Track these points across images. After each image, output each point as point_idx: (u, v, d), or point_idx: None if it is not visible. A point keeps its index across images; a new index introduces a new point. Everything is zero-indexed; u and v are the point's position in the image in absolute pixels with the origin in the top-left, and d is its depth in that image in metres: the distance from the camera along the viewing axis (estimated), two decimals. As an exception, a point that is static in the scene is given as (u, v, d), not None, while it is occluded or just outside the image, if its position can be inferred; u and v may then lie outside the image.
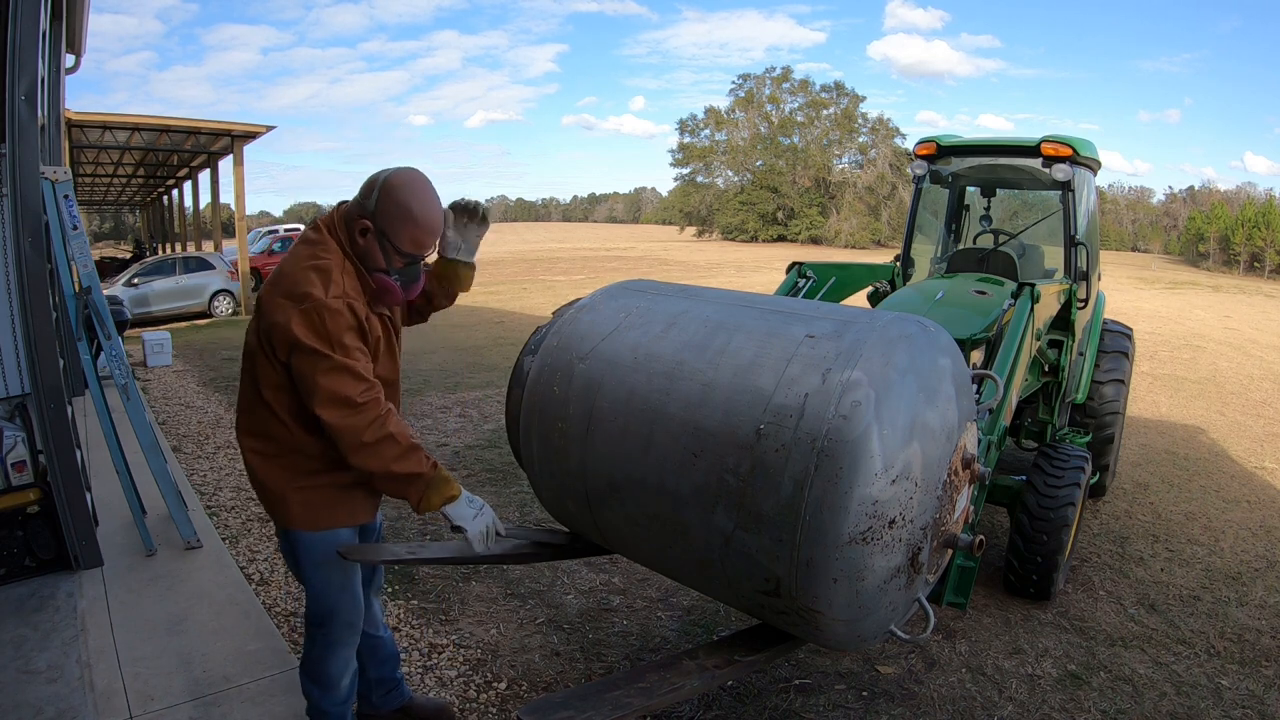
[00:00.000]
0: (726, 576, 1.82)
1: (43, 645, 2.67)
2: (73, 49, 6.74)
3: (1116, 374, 4.42)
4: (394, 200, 1.76)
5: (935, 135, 4.39)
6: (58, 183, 3.34)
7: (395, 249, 1.79)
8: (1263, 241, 35.76)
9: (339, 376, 1.66)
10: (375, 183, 1.78)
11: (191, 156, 16.29)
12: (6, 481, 3.09)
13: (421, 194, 1.79)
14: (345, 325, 1.70)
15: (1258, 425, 6.81)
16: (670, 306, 2.07)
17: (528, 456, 2.21)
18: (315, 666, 1.99)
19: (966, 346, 3.10)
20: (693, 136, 50.95)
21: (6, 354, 3.04)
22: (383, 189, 1.77)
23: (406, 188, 1.77)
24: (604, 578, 3.39)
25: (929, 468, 1.70)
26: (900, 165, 42.63)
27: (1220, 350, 10.88)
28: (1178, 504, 4.67)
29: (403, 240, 1.78)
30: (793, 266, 3.93)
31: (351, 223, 1.79)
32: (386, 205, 1.76)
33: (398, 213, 1.76)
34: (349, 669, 2.02)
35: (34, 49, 2.98)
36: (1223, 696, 2.70)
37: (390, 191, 1.76)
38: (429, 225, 1.81)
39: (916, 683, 2.70)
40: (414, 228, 1.78)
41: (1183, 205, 54.12)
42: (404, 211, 1.76)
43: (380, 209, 1.76)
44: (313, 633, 1.99)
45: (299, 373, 1.69)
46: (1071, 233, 4.05)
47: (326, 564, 1.90)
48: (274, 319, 1.68)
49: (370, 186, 1.79)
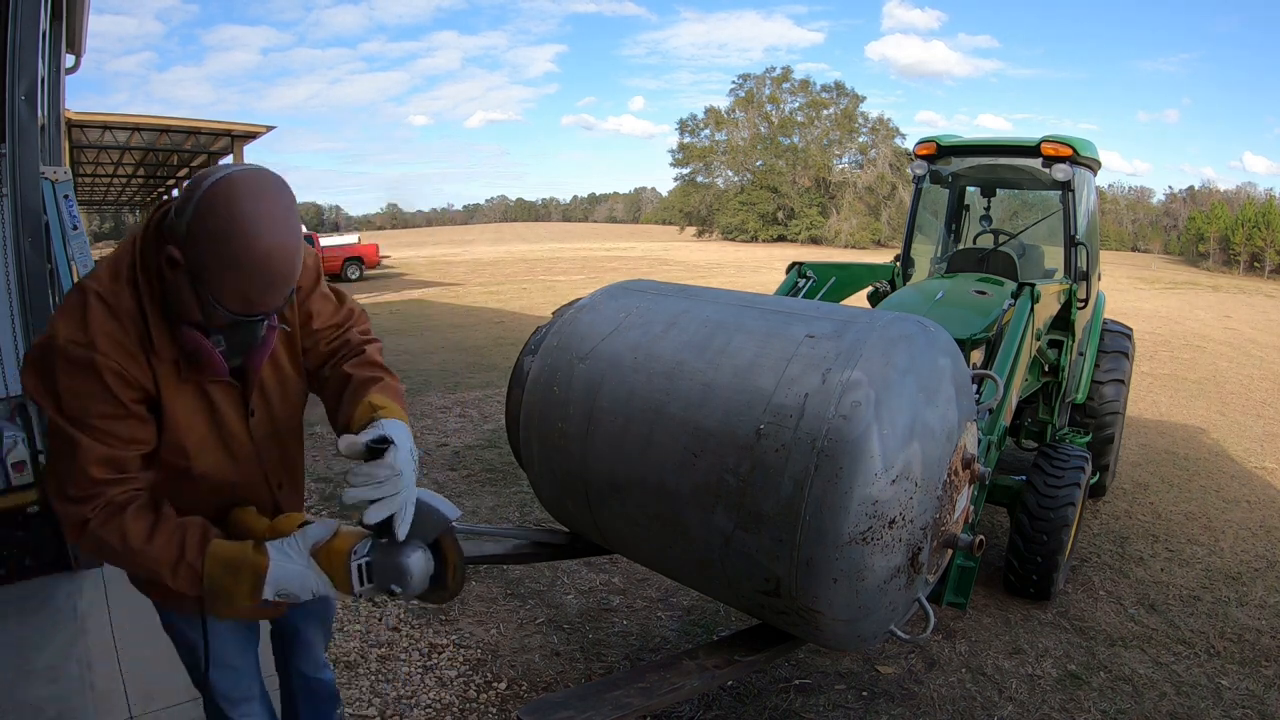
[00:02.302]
0: (726, 576, 1.82)
1: (43, 645, 2.67)
2: (73, 49, 6.73)
3: (1116, 374, 4.43)
4: (212, 229, 1.11)
5: (935, 135, 4.39)
6: (58, 183, 3.34)
7: (215, 301, 1.16)
8: (1263, 241, 35.74)
9: (55, 443, 1.19)
10: (192, 193, 1.13)
11: (191, 156, 16.30)
12: (6, 481, 3.09)
13: (257, 221, 1.11)
14: (83, 387, 1.15)
15: (1258, 425, 6.81)
16: (670, 306, 2.07)
17: (528, 456, 2.21)
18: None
19: (966, 346, 3.10)
20: (693, 136, 50.95)
21: (6, 354, 3.04)
22: (200, 205, 1.11)
23: (235, 208, 1.10)
24: (604, 578, 3.39)
25: (929, 468, 1.70)
26: (900, 165, 42.61)
27: (1220, 350, 10.88)
28: (1178, 504, 4.67)
29: (223, 293, 1.14)
30: (793, 266, 3.94)
31: (157, 237, 1.19)
32: (200, 234, 1.11)
33: (215, 250, 1.11)
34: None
35: (34, 49, 2.98)
36: (1223, 696, 2.70)
37: (210, 212, 1.10)
38: (271, 276, 1.15)
39: (916, 683, 2.70)
40: (239, 278, 1.13)
41: (1183, 205, 54.11)
42: (225, 250, 1.11)
43: (193, 243, 1.12)
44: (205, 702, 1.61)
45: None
46: (1071, 233, 4.05)
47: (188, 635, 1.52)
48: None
49: (188, 195, 1.13)
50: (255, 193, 1.13)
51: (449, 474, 4.75)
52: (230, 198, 1.11)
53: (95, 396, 1.17)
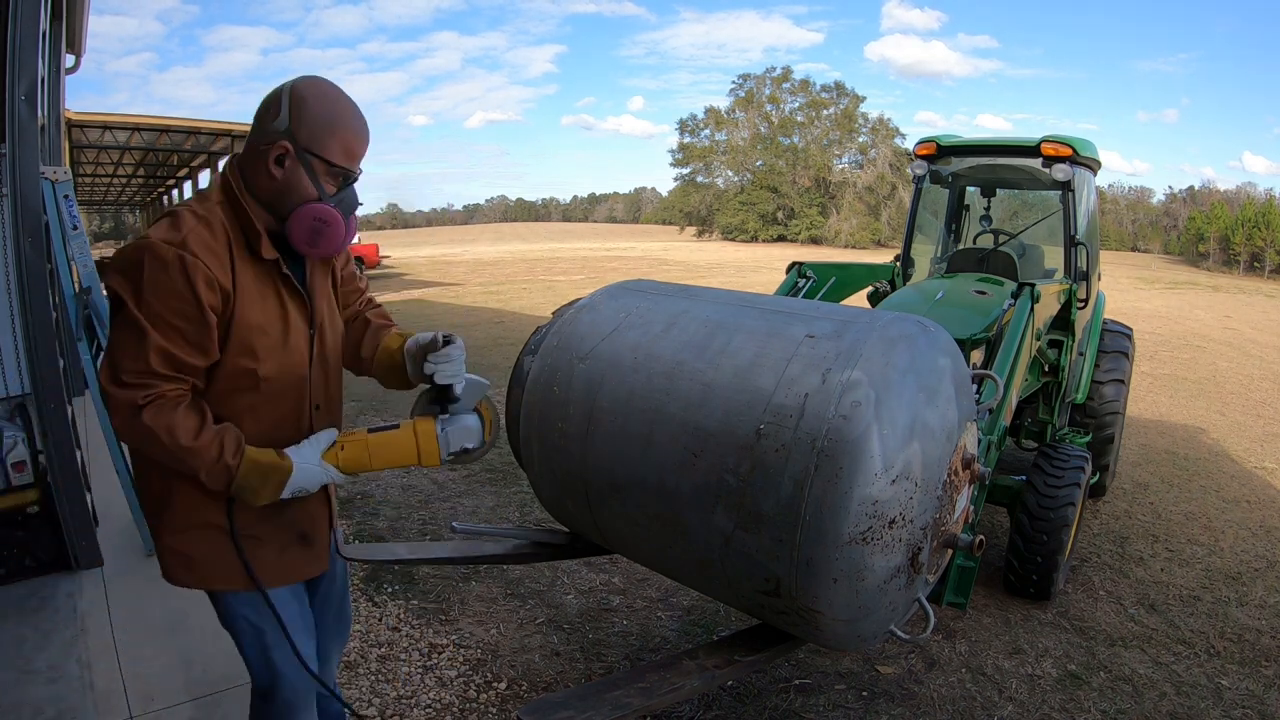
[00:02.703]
0: (726, 576, 1.82)
1: (43, 645, 2.67)
2: (73, 49, 6.74)
3: (1116, 374, 4.43)
4: (313, 106, 1.40)
5: (935, 135, 4.39)
6: (58, 183, 3.34)
7: (326, 164, 1.41)
8: (1263, 241, 35.74)
9: (124, 333, 1.30)
10: (279, 98, 1.40)
11: (191, 156, 16.31)
12: (6, 481, 3.09)
13: (340, 94, 1.45)
14: (165, 283, 1.29)
15: (1258, 425, 6.81)
16: (670, 306, 2.07)
17: (528, 456, 2.21)
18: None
19: (966, 346, 3.10)
20: (693, 136, 50.99)
21: (6, 354, 3.04)
22: (293, 99, 1.39)
23: (321, 89, 1.42)
24: (604, 578, 3.39)
25: (929, 468, 1.70)
26: (900, 165, 42.63)
27: (1220, 350, 10.88)
28: (1178, 504, 4.67)
29: (334, 151, 1.41)
30: (793, 266, 3.94)
31: (256, 160, 1.41)
32: (304, 114, 1.39)
33: (323, 118, 1.40)
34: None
35: (34, 49, 2.98)
36: (1223, 696, 2.70)
37: (305, 98, 1.40)
38: (360, 129, 1.45)
39: (916, 683, 2.70)
40: (345, 132, 1.42)
41: (1183, 205, 54.10)
42: (330, 115, 1.41)
43: (298, 121, 1.38)
44: (257, 705, 1.65)
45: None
46: (1071, 233, 4.05)
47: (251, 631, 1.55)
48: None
49: (273, 105, 1.40)
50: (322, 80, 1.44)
51: (449, 474, 4.75)
52: (314, 84, 1.42)
53: (175, 294, 1.30)
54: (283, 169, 1.40)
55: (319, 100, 1.41)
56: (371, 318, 1.73)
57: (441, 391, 1.53)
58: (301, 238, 1.43)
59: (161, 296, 1.29)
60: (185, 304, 1.31)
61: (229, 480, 1.37)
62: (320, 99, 1.41)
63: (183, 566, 1.50)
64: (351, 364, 1.72)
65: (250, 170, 1.42)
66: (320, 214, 1.42)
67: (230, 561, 1.47)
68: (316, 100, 1.40)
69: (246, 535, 1.48)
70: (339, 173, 1.44)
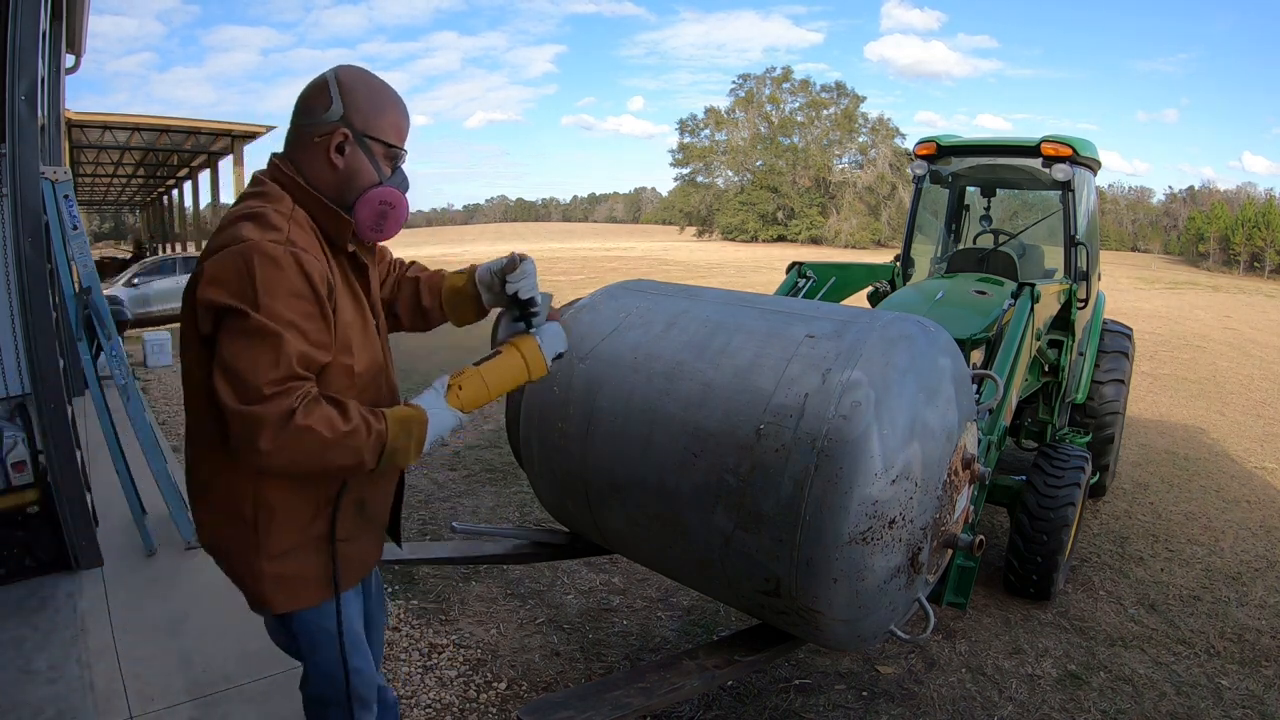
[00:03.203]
0: (726, 576, 1.82)
1: (43, 645, 2.67)
2: (73, 49, 6.74)
3: (1116, 374, 4.43)
4: (362, 91, 1.40)
5: (935, 135, 4.39)
6: (58, 183, 3.34)
7: (385, 145, 1.42)
8: (1263, 241, 35.76)
9: (249, 343, 1.20)
10: (323, 88, 1.39)
11: (191, 156, 16.31)
12: (6, 481, 3.08)
13: (379, 78, 1.46)
14: (283, 283, 1.23)
15: (1258, 425, 6.81)
16: (670, 306, 2.07)
17: (528, 457, 2.21)
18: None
19: (966, 346, 3.10)
20: (693, 136, 51.02)
21: (6, 354, 3.04)
22: (342, 86, 1.39)
23: (363, 74, 1.43)
24: (604, 578, 3.39)
25: (929, 468, 1.70)
26: (900, 165, 42.64)
27: (1220, 350, 10.88)
28: (1178, 504, 4.67)
29: (388, 132, 1.42)
30: (793, 266, 3.94)
31: (311, 152, 1.38)
32: (355, 99, 1.39)
33: (373, 101, 1.41)
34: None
35: (34, 49, 2.98)
36: (1223, 696, 2.70)
37: (352, 84, 1.40)
38: (404, 109, 1.47)
39: (916, 683, 2.70)
40: (394, 112, 1.44)
41: (1183, 205, 54.11)
42: (378, 96, 1.42)
43: (352, 105, 1.38)
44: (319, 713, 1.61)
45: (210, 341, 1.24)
46: (1071, 233, 4.05)
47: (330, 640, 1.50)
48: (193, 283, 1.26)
49: (318, 95, 1.39)
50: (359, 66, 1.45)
51: (449, 474, 4.74)
52: (355, 70, 1.43)
53: (294, 292, 1.24)
54: (344, 156, 1.38)
55: (365, 84, 1.41)
56: (418, 274, 1.73)
57: (524, 307, 1.57)
58: (368, 223, 1.41)
59: (283, 298, 1.22)
60: (306, 302, 1.26)
61: (382, 448, 1.31)
62: (366, 83, 1.41)
63: (286, 591, 1.43)
64: (415, 322, 1.73)
65: (307, 164, 1.39)
66: (387, 197, 1.41)
67: (326, 575, 1.45)
68: (363, 84, 1.41)
69: (344, 540, 1.46)
70: (394, 153, 1.45)
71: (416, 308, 1.70)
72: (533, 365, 1.54)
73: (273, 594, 1.42)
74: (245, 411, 1.18)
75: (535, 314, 1.56)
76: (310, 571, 1.44)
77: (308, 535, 1.42)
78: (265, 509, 1.37)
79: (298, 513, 1.40)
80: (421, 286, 1.70)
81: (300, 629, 1.49)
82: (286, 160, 1.40)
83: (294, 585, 1.43)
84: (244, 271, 1.21)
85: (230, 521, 1.39)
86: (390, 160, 1.44)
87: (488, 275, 1.61)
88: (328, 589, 1.46)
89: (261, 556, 1.39)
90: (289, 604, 1.44)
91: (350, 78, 1.40)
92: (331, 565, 1.45)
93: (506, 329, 1.59)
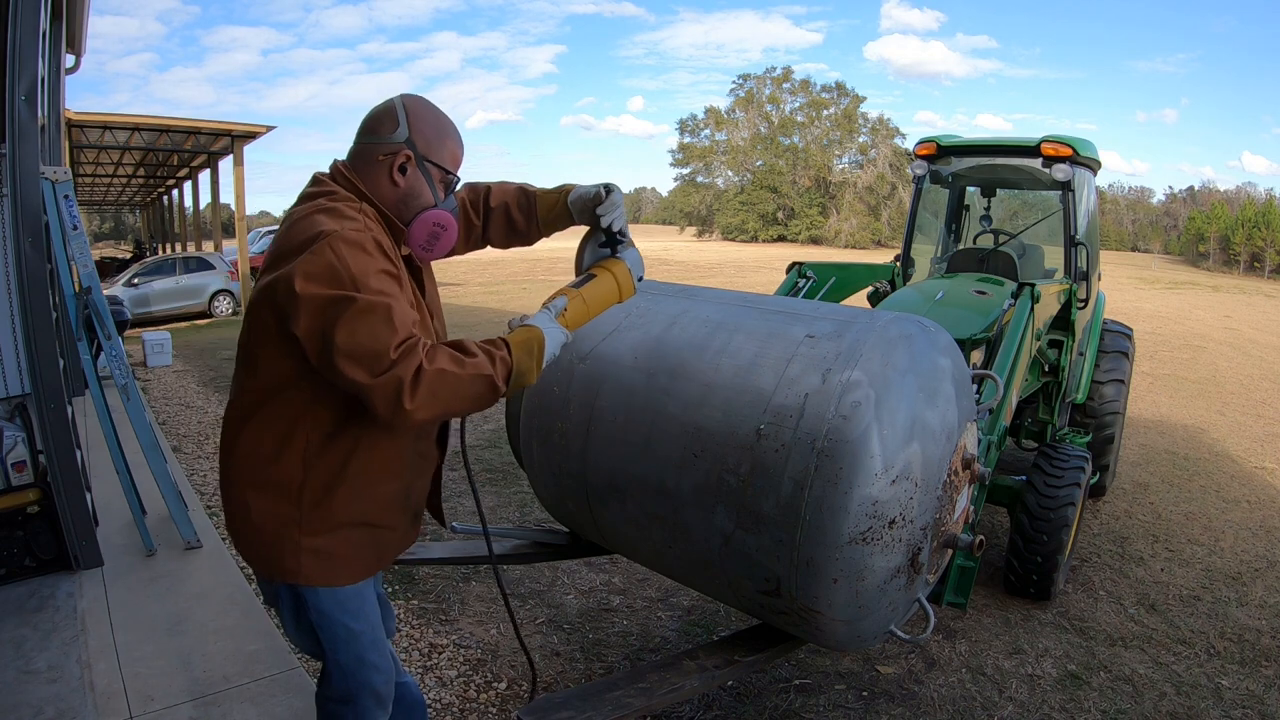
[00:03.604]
0: (726, 576, 1.82)
1: (43, 645, 2.67)
2: (73, 49, 6.74)
3: (1116, 374, 4.43)
4: (426, 117, 1.51)
5: (935, 135, 4.39)
6: (58, 183, 3.34)
7: (442, 171, 1.51)
8: (1263, 241, 35.77)
9: (366, 320, 1.26)
10: (391, 111, 1.50)
11: (191, 156, 16.29)
12: (6, 481, 3.09)
13: (440, 109, 1.56)
14: (371, 264, 1.31)
15: (1258, 425, 6.81)
16: (670, 306, 2.07)
17: (528, 457, 2.21)
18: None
19: (966, 346, 3.10)
20: (693, 136, 50.98)
21: (6, 354, 3.04)
22: (407, 111, 1.50)
23: (427, 104, 1.53)
24: (604, 578, 3.39)
25: (929, 468, 1.70)
26: (900, 165, 42.64)
27: (1220, 350, 10.88)
28: (1178, 504, 4.67)
29: (446, 158, 1.52)
30: (793, 266, 3.94)
31: (374, 168, 1.48)
32: (421, 125, 1.49)
33: (436, 129, 1.51)
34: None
35: (34, 49, 2.98)
36: (1223, 696, 2.70)
37: (418, 112, 1.51)
38: (460, 140, 1.58)
39: (916, 683, 2.70)
40: (453, 141, 1.54)
41: (1183, 205, 54.13)
42: (440, 125, 1.52)
43: (417, 130, 1.48)
44: (335, 711, 1.63)
45: (310, 335, 1.28)
46: (1071, 233, 4.05)
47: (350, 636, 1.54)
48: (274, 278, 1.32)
49: (386, 117, 1.49)
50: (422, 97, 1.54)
51: (449, 474, 4.73)
52: (420, 100, 1.52)
53: (383, 273, 1.33)
54: (405, 176, 1.47)
55: (430, 113, 1.51)
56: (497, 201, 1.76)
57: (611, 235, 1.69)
58: (420, 241, 1.50)
59: (375, 275, 1.30)
60: (392, 279, 1.35)
61: (509, 370, 1.40)
62: (430, 112, 1.52)
63: (321, 566, 1.47)
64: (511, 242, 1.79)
65: (370, 179, 1.48)
66: (440, 220, 1.50)
67: (364, 557, 1.51)
68: (428, 113, 1.51)
69: (385, 527, 1.53)
70: (450, 180, 1.54)
71: (511, 231, 1.77)
72: (624, 287, 1.66)
73: (309, 567, 1.46)
74: (382, 381, 1.26)
75: (621, 242, 1.68)
76: (348, 551, 1.49)
77: (351, 515, 1.47)
78: (313, 489, 1.43)
79: (352, 494, 1.45)
80: (512, 212, 1.76)
81: (321, 623, 1.52)
82: (352, 172, 1.48)
83: (330, 562, 1.47)
84: (336, 262, 1.28)
85: (276, 499, 1.44)
86: (445, 186, 1.53)
87: (579, 201, 1.70)
88: (360, 572, 1.52)
89: (303, 533, 1.44)
90: (321, 578, 1.48)
91: (416, 105, 1.50)
92: (368, 548, 1.51)
93: (593, 254, 1.71)
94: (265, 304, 1.34)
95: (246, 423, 1.44)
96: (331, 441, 1.42)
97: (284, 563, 1.46)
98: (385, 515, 1.53)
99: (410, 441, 1.54)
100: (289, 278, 1.28)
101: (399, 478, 1.52)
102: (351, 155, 1.51)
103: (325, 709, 1.64)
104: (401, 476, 1.53)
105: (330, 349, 1.26)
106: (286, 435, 1.41)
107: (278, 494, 1.44)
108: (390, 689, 1.65)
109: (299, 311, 1.28)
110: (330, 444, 1.42)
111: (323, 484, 1.43)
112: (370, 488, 1.48)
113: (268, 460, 1.43)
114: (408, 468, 1.54)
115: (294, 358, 1.35)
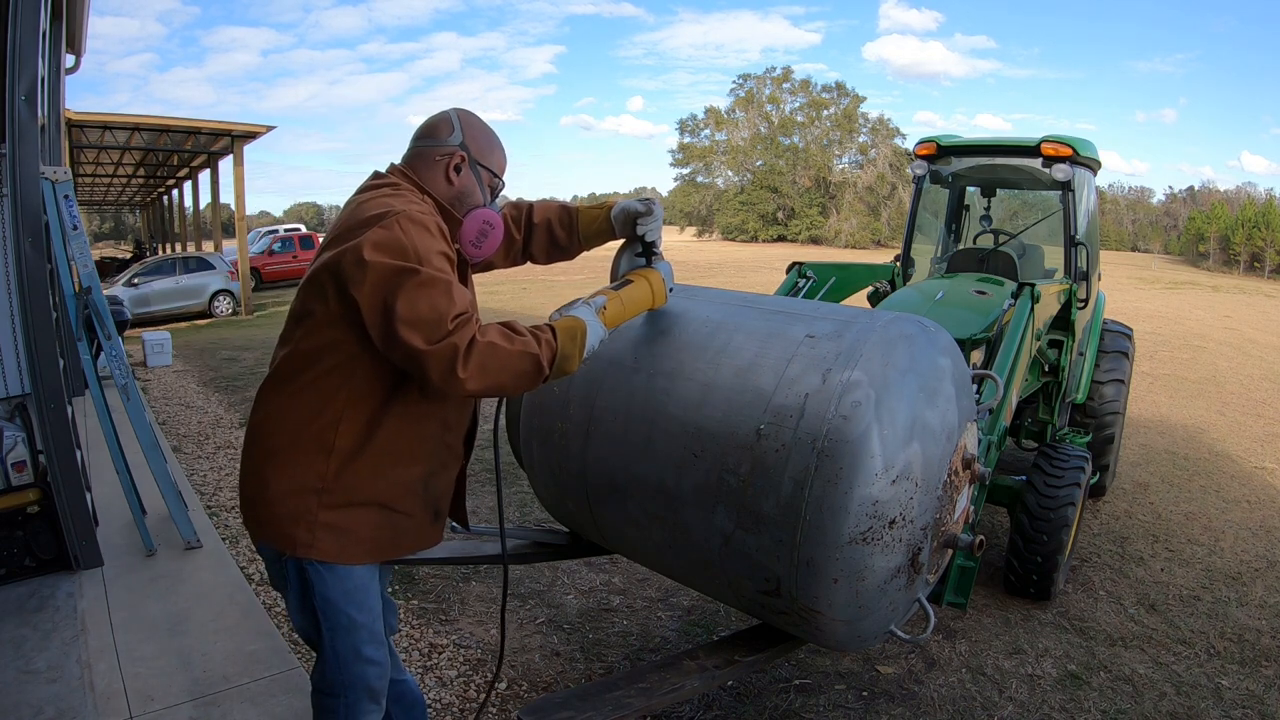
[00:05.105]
0: (726, 576, 1.82)
1: (43, 645, 2.67)
2: (73, 49, 6.75)
3: (1116, 374, 4.43)
4: (478, 126, 1.65)
5: (935, 135, 4.39)
6: (58, 183, 3.34)
7: (492, 174, 1.65)
8: (1263, 242, 35.76)
9: (427, 291, 1.34)
10: (446, 119, 1.63)
11: (191, 156, 16.29)
12: (6, 481, 3.09)
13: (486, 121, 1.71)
14: (434, 244, 1.41)
15: (1258, 425, 6.81)
16: (670, 306, 2.07)
17: (528, 457, 2.21)
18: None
19: (966, 346, 3.10)
20: (693, 136, 50.91)
21: (6, 354, 3.04)
22: (462, 119, 1.64)
23: (477, 116, 1.68)
24: (604, 578, 3.39)
25: (929, 468, 1.70)
26: (900, 165, 42.60)
27: (1220, 350, 10.88)
28: (1178, 504, 4.67)
29: (496, 163, 1.66)
30: (793, 266, 3.94)
31: (431, 167, 1.59)
32: (474, 132, 1.63)
33: (487, 136, 1.66)
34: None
35: (34, 49, 2.98)
36: (1223, 696, 2.70)
37: (469, 120, 1.65)
38: (505, 150, 1.72)
39: (916, 683, 2.70)
40: (500, 150, 1.69)
41: (1183, 205, 54.10)
42: (489, 134, 1.67)
43: (470, 136, 1.62)
44: (326, 704, 1.62)
45: (372, 301, 1.35)
46: (1071, 233, 4.05)
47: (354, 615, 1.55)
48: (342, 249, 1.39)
49: (442, 124, 1.63)
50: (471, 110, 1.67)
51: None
52: (471, 112, 1.66)
53: (441, 253, 1.42)
54: (459, 175, 1.60)
55: (480, 123, 1.66)
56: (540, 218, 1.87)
57: (648, 246, 1.83)
58: (469, 238, 1.61)
59: (436, 255, 1.40)
60: (450, 263, 1.44)
61: (554, 354, 1.48)
62: (480, 122, 1.67)
63: (336, 541, 1.49)
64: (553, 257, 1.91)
65: (427, 176, 1.59)
66: (490, 218, 1.62)
67: (379, 539, 1.54)
68: (479, 123, 1.66)
69: (403, 513, 1.57)
70: (496, 184, 1.67)
71: (553, 245, 1.89)
72: (658, 293, 1.81)
73: (323, 541, 1.48)
74: (438, 349, 1.33)
75: (656, 254, 1.83)
76: (363, 530, 1.52)
77: (368, 494, 1.51)
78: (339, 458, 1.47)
79: (367, 470, 1.49)
80: (554, 228, 1.86)
81: (325, 609, 1.53)
82: (412, 171, 1.60)
83: (345, 538, 1.50)
84: (403, 237, 1.37)
85: (302, 468, 1.47)
86: (492, 190, 1.66)
87: (623, 215, 1.81)
88: (373, 553, 1.55)
89: (321, 505, 1.48)
90: (335, 555, 1.50)
91: (468, 116, 1.66)
92: (384, 530, 1.54)
93: (629, 263, 1.84)
94: (326, 271, 1.41)
95: (282, 389, 1.49)
96: (362, 415, 1.47)
97: (299, 535, 1.48)
98: (402, 500, 1.55)
99: (438, 429, 1.59)
100: (358, 247, 1.36)
101: (420, 463, 1.56)
102: (408, 158, 1.62)
103: (317, 701, 1.65)
104: (423, 463, 1.57)
105: (391, 316, 1.33)
106: (320, 405, 1.46)
107: (304, 462, 1.47)
108: (385, 684, 1.67)
109: (365, 279, 1.35)
110: (361, 418, 1.47)
111: (348, 454, 1.47)
112: (391, 468, 1.51)
113: (299, 425, 1.47)
114: (431, 456, 1.59)
115: (342, 327, 1.42)
